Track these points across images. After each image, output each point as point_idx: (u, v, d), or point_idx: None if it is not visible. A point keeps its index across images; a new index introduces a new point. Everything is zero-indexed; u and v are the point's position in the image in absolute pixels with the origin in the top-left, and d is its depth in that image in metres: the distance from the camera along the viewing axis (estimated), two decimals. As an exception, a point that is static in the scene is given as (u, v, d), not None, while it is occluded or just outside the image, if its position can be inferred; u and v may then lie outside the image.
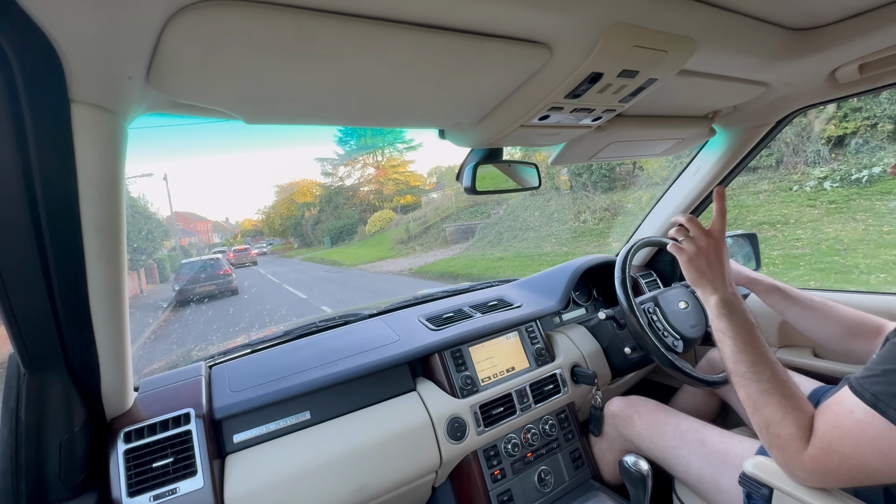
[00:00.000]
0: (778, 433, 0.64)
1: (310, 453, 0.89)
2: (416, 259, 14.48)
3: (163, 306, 10.79)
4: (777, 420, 0.65)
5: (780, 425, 0.64)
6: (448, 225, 16.16)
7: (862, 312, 0.94)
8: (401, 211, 25.93)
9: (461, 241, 14.80)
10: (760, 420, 0.67)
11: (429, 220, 18.53)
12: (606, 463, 1.21)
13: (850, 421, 0.56)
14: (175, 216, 40.64)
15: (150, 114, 0.65)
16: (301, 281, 13.58)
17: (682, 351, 1.13)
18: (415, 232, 18.05)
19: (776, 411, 0.65)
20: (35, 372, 0.66)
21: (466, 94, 0.72)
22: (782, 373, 0.70)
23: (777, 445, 0.64)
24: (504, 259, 10.78)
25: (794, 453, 0.62)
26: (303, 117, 0.73)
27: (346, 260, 18.62)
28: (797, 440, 0.62)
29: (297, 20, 0.46)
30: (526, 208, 12.68)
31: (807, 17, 0.72)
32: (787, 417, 0.64)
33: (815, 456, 0.59)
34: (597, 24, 0.57)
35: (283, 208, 38.86)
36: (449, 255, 13.61)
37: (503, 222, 13.16)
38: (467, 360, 1.15)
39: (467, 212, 16.79)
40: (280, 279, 14.46)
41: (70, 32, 0.43)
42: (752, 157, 1.36)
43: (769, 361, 0.71)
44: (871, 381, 0.56)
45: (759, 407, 0.68)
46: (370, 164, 32.16)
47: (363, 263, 16.41)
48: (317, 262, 20.89)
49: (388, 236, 20.81)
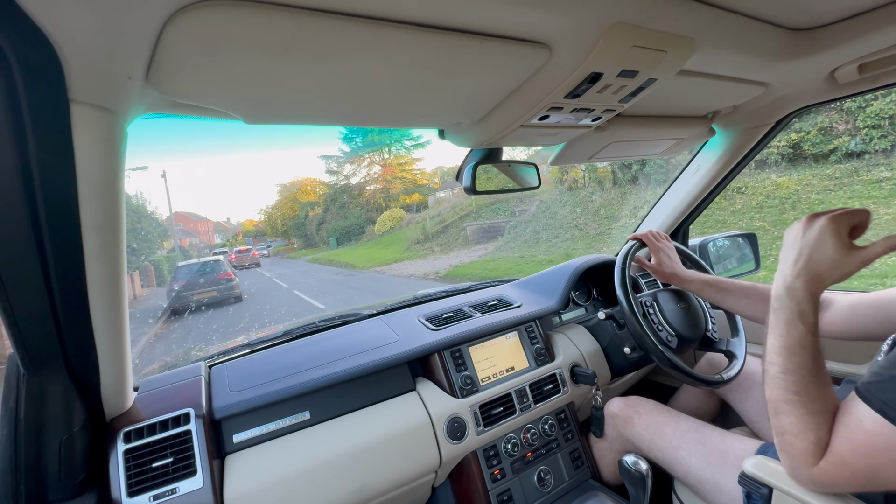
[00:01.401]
0: (792, 443, 0.61)
1: (310, 453, 0.89)
2: (437, 261, 13.41)
3: (157, 315, 9.45)
4: (795, 432, 0.61)
5: (797, 437, 0.61)
6: (469, 224, 15.25)
7: None
8: (414, 210, 25.20)
9: (484, 241, 13.86)
10: (777, 424, 0.64)
11: (446, 218, 17.53)
12: (606, 463, 1.21)
13: (859, 431, 0.55)
14: (175, 216, 40.53)
15: (149, 114, 0.65)
16: (312, 286, 12.26)
17: (676, 347, 1.13)
18: (432, 232, 17.08)
19: (796, 423, 0.61)
20: (35, 372, 0.66)
21: (466, 94, 0.72)
22: (817, 388, 0.62)
23: (788, 453, 0.62)
24: (553, 261, 9.55)
25: (804, 466, 0.60)
26: (302, 117, 0.73)
27: (357, 262, 17.44)
28: (811, 455, 0.59)
29: (296, 20, 0.46)
30: (564, 204, 11.69)
31: (806, 17, 0.72)
32: (806, 432, 0.60)
33: (826, 470, 0.58)
34: (596, 24, 0.57)
35: (285, 208, 38.36)
36: (477, 257, 12.51)
37: (538, 220, 12.16)
38: (467, 360, 1.15)
39: (488, 209, 15.84)
40: (288, 283, 13.24)
41: (70, 32, 0.43)
42: (751, 158, 1.36)
43: (807, 372, 0.62)
44: (878, 387, 0.54)
45: (778, 413, 0.64)
46: (377, 161, 31.51)
47: (377, 266, 15.40)
48: (324, 264, 19.88)
49: (402, 236, 19.86)
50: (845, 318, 0.86)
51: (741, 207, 7.83)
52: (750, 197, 7.94)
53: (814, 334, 0.64)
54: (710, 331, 1.21)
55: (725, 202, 8.11)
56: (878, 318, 0.81)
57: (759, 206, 7.67)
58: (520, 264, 10.48)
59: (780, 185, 7.68)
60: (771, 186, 7.78)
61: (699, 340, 1.19)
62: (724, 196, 7.98)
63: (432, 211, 20.00)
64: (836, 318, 0.87)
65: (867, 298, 0.84)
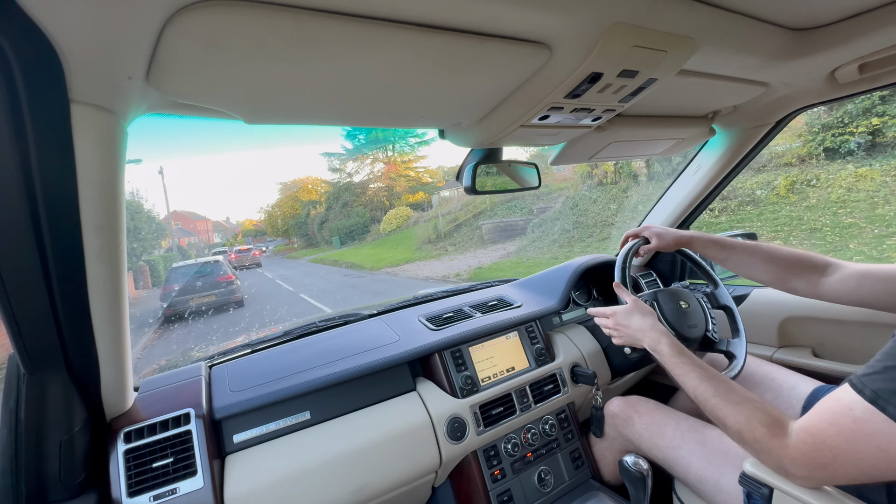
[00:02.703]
0: (754, 437, 0.65)
1: (310, 453, 0.89)
2: (453, 262, 12.10)
3: (149, 322, 8.33)
4: (744, 426, 0.67)
5: (749, 429, 0.66)
6: (485, 222, 14.23)
7: (803, 251, 0.96)
8: (421, 209, 24.35)
9: (501, 241, 12.88)
10: (733, 433, 0.70)
11: (459, 217, 16.66)
12: (606, 463, 1.21)
13: (847, 418, 0.56)
14: (174, 215, 40.34)
15: (149, 114, 0.65)
16: (321, 289, 10.98)
17: None
18: (444, 230, 16.07)
19: (738, 418, 0.68)
20: (35, 372, 0.66)
21: (466, 94, 0.72)
22: (726, 384, 0.75)
23: (759, 449, 0.65)
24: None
25: (778, 451, 0.62)
26: (302, 117, 0.73)
27: (365, 262, 16.18)
28: (772, 437, 0.63)
29: (296, 20, 0.46)
30: (594, 201, 10.76)
31: (807, 17, 0.72)
32: (751, 420, 0.66)
33: (805, 451, 0.60)
34: (597, 24, 0.57)
35: (286, 207, 37.87)
36: (498, 257, 11.24)
37: (566, 217, 11.11)
38: (467, 360, 1.15)
39: (504, 207, 14.86)
40: (293, 286, 11.93)
41: (70, 32, 0.43)
42: (751, 157, 1.36)
43: (707, 379, 0.78)
44: (871, 378, 0.56)
45: (724, 422, 0.71)
46: (380, 159, 30.73)
47: (388, 266, 14.14)
48: (329, 265, 18.54)
49: (410, 235, 18.72)
50: (852, 287, 0.89)
51: (816, 202, 7.03)
52: (825, 190, 7.04)
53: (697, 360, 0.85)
54: (710, 331, 1.21)
55: (794, 196, 7.21)
56: (888, 292, 0.84)
57: (842, 201, 6.72)
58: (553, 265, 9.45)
59: (862, 176, 6.74)
60: (851, 178, 6.86)
61: (699, 341, 1.19)
62: (793, 190, 7.26)
63: (443, 209, 19.07)
64: (842, 285, 0.90)
65: (877, 271, 0.86)
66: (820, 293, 0.93)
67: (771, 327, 1.36)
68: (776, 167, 7.90)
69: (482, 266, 10.74)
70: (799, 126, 7.73)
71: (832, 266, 0.93)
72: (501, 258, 11.27)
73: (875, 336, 1.15)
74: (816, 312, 1.26)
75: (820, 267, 0.94)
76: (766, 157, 8.11)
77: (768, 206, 7.46)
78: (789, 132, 7.79)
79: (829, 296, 0.92)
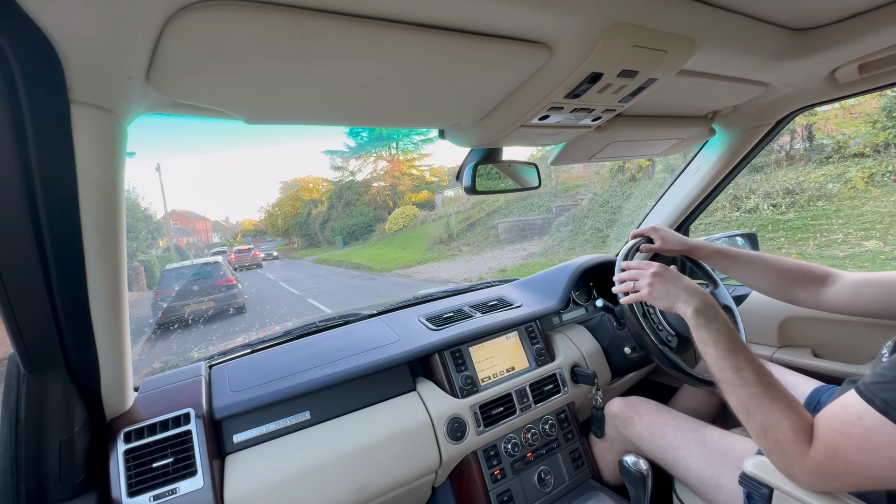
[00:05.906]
0: (777, 437, 0.63)
1: (310, 453, 0.89)
2: (469, 263, 11.29)
3: (143, 330, 7.47)
4: (773, 424, 0.64)
5: (778, 429, 0.63)
6: (501, 221, 13.34)
7: (804, 262, 0.97)
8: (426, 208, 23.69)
9: (518, 240, 12.15)
10: (756, 425, 0.66)
11: (472, 215, 15.78)
12: (606, 463, 1.21)
13: (858, 428, 0.55)
14: (172, 215, 40.07)
15: (149, 114, 0.65)
16: (329, 293, 10.07)
17: (676, 346, 1.12)
18: (457, 230, 15.16)
19: (770, 415, 0.64)
20: (35, 372, 0.66)
21: (466, 94, 0.72)
22: (769, 376, 0.68)
23: (777, 450, 0.63)
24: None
25: (795, 457, 0.61)
26: (302, 117, 0.73)
27: (372, 263, 15.22)
28: (796, 444, 0.61)
29: (296, 21, 0.46)
30: (627, 197, 9.96)
31: (807, 17, 0.72)
32: (783, 420, 0.63)
33: (819, 461, 0.59)
34: (597, 24, 0.57)
35: (287, 206, 37.40)
36: (519, 258, 10.33)
37: (596, 215, 10.23)
38: (467, 360, 1.15)
39: (519, 205, 14.07)
40: (298, 289, 10.99)
41: (70, 32, 0.43)
42: (751, 157, 1.36)
43: (754, 365, 0.70)
44: (881, 387, 0.55)
45: (751, 412, 0.67)
46: (384, 157, 29.92)
47: (398, 268, 13.18)
48: (333, 265, 17.62)
49: (419, 235, 17.83)
50: (849, 296, 0.89)
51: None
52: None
53: (737, 332, 0.75)
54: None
55: (876, 190, 6.21)
56: (884, 299, 0.84)
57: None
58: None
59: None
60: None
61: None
62: (872, 182, 6.27)
63: (454, 207, 18.21)
64: (840, 294, 0.91)
65: (873, 279, 0.86)
66: (820, 303, 0.94)
67: (771, 327, 1.36)
68: (842, 158, 7.05)
69: (505, 269, 9.75)
70: (873, 111, 6.78)
71: (832, 276, 0.93)
72: (524, 259, 10.31)
73: (875, 336, 1.15)
74: (816, 312, 1.26)
75: (820, 277, 0.94)
76: (831, 147, 7.21)
77: (845, 201, 6.45)
78: (861, 119, 6.91)
79: (829, 306, 0.93)
